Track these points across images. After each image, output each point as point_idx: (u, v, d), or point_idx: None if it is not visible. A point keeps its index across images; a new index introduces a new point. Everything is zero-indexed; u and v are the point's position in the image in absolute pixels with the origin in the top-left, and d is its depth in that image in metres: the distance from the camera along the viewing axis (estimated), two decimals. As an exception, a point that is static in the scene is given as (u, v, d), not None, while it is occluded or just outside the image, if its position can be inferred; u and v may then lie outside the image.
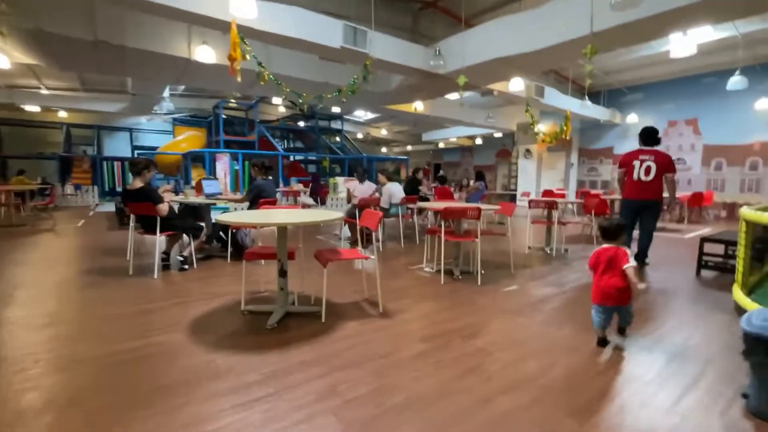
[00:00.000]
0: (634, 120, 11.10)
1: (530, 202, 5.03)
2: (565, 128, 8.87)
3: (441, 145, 19.91)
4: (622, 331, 2.47)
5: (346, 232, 6.03)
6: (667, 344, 2.43)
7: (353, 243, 5.59)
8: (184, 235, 4.03)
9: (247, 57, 4.51)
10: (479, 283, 3.61)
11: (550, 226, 5.18)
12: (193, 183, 9.15)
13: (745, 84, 7.32)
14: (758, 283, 3.39)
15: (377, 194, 5.95)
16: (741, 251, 3.16)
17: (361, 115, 15.59)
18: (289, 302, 2.87)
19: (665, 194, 4.42)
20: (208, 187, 5.12)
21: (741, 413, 1.74)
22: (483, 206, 3.84)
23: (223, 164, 11.00)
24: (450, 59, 6.28)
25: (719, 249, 4.24)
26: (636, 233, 4.44)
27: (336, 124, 16.39)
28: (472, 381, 1.96)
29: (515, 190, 14.78)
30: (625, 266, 2.22)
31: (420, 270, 4.14)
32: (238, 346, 2.29)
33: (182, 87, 11.67)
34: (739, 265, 3.18)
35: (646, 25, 4.62)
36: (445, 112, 11.23)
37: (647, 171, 4.26)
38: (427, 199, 7.31)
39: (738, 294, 3.09)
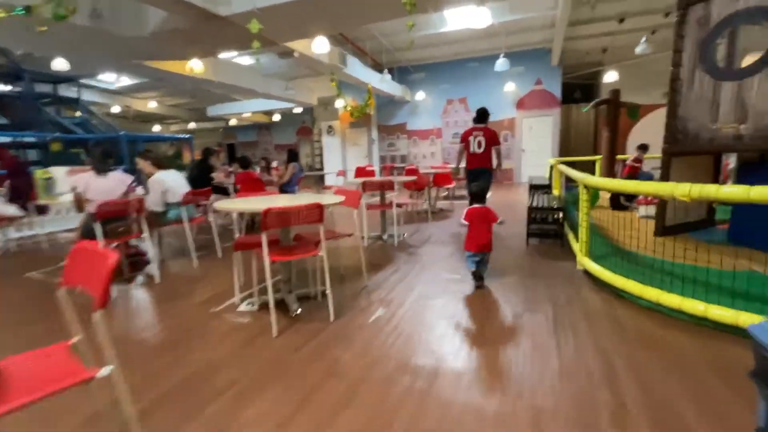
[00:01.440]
0: (422, 97, 11.95)
1: (364, 185, 4.10)
2: (369, 102, 8.45)
3: (233, 122, 17.18)
4: (480, 277, 2.94)
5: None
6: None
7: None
8: None
9: None
10: (332, 317, 2.41)
11: (386, 210, 4.44)
12: None
13: (507, 66, 8.49)
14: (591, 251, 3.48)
15: (138, 191, 3.80)
16: (583, 220, 3.05)
17: (111, 79, 11.38)
18: None
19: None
20: None
21: None
22: (324, 198, 2.59)
23: None
24: (235, -6, 4.52)
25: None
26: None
27: (69, 92, 11.44)
28: None
29: (321, 169, 14.10)
30: (498, 222, 3.01)
31: (231, 311, 2.60)
32: None
33: None
34: (583, 234, 3.08)
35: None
36: (234, 78, 9.11)
37: (479, 144, 4.88)
38: (225, 191, 5.46)
39: (587, 262, 2.98)
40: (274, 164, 8.96)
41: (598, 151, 12.32)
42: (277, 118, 15.25)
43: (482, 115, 5.02)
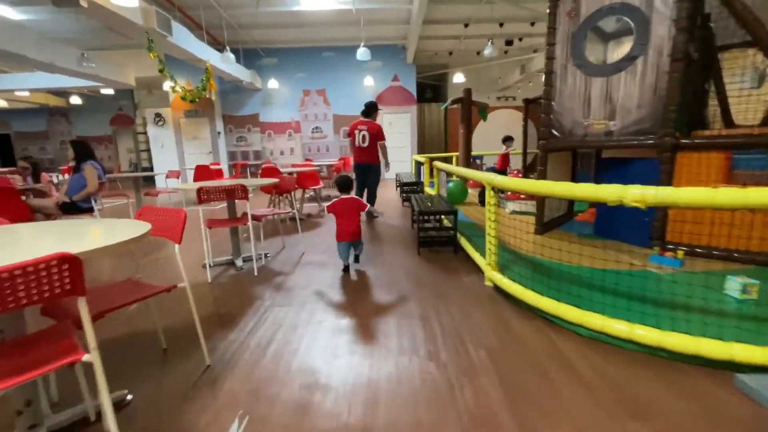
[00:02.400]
0: (275, 86, 10.58)
1: (200, 192, 2.80)
2: (207, 83, 6.79)
3: (3, 103, 12.28)
4: (357, 259, 3.20)
5: None
6: None
7: None
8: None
9: None
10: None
11: (239, 225, 3.22)
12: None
13: (368, 55, 7.98)
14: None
15: None
16: (491, 228, 2.56)
17: None
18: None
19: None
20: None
21: None
22: (93, 236, 1.33)
23: None
24: None
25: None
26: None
27: None
28: None
29: (151, 168, 11.28)
30: (366, 209, 3.09)
31: None
32: None
33: None
34: (491, 244, 2.60)
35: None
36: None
37: (363, 139, 4.93)
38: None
39: (499, 278, 2.50)
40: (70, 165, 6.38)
41: (450, 148, 13.24)
42: (76, 101, 11.48)
43: (366, 108, 5.09)
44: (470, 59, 11.64)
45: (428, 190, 6.54)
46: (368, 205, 3.12)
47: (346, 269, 3.09)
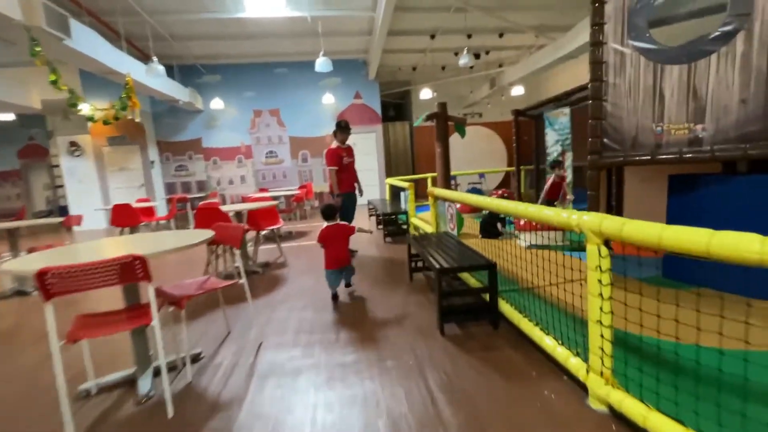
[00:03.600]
0: (220, 106, 9.18)
1: (43, 280, 1.45)
2: (127, 101, 5.37)
3: None
4: (348, 284, 3.13)
5: None
6: None
7: None
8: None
9: None
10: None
11: (138, 325, 1.86)
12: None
13: (330, 66, 6.90)
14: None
15: None
16: (605, 319, 1.45)
17: None
18: None
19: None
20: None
21: None
22: None
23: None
24: None
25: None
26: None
27: None
28: None
29: (65, 209, 9.31)
30: (356, 230, 3.07)
31: None
32: None
33: None
34: (602, 340, 1.47)
35: None
36: None
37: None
38: None
39: (616, 396, 1.37)
40: None
41: (418, 169, 12.36)
42: (-33, 130, 9.36)
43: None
44: (435, 74, 10.96)
45: (418, 223, 5.41)
46: (356, 227, 3.10)
47: (334, 297, 3.01)
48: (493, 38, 8.68)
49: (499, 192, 7.44)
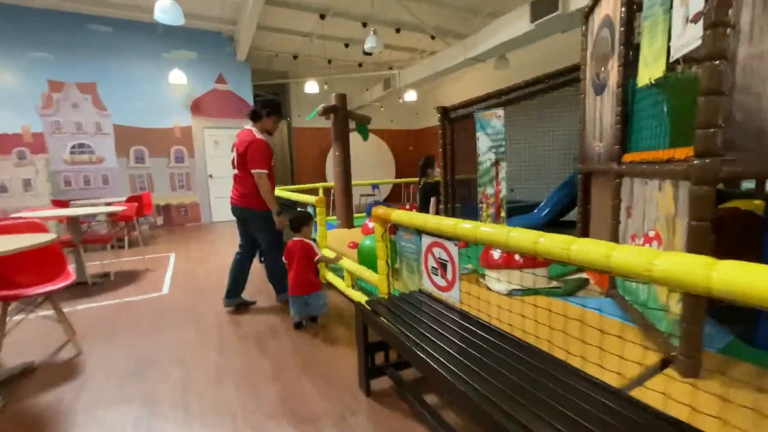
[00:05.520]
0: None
1: None
2: None
3: None
4: (315, 320, 2.63)
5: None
6: None
7: None
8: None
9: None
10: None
11: None
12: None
13: (179, 18, 4.60)
14: None
15: None
16: None
17: None
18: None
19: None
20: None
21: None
22: None
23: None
24: None
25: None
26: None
27: None
28: None
29: None
30: (315, 259, 2.57)
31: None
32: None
33: None
34: None
35: None
36: None
37: (233, 162, 2.82)
38: None
39: None
40: None
41: (297, 178, 10.45)
42: None
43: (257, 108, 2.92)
44: (321, 68, 9.35)
45: (351, 268, 3.46)
46: (319, 254, 2.59)
47: (297, 326, 2.57)
48: (389, 33, 7.60)
49: (407, 206, 6.27)
